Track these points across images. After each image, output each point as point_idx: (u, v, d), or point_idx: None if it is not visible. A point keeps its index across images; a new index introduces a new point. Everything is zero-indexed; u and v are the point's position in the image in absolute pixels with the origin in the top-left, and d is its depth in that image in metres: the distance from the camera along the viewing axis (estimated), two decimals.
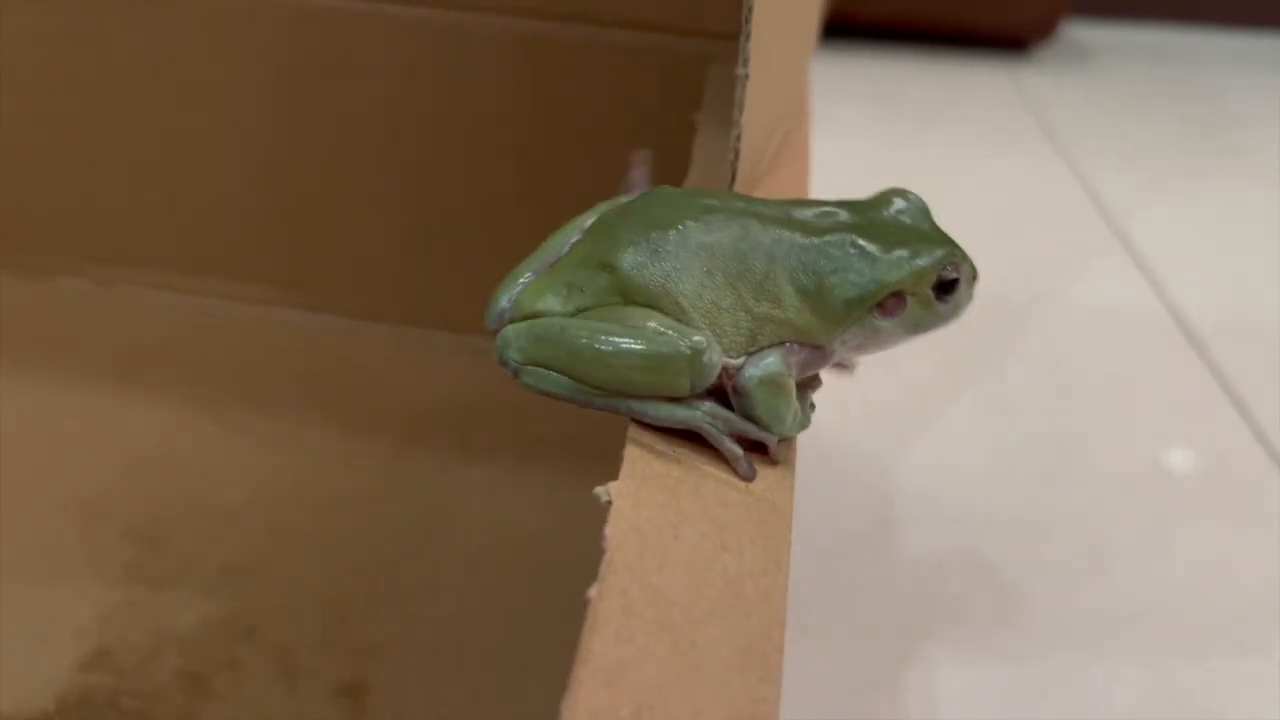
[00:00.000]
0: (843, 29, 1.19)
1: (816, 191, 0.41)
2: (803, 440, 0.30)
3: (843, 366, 0.32)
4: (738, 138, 0.34)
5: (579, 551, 0.49)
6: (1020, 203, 0.91)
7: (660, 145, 0.53)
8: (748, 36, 0.32)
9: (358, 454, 0.53)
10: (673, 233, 0.29)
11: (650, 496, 0.24)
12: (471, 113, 0.55)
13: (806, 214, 0.30)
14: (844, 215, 0.30)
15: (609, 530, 0.23)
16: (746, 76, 0.33)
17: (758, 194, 0.38)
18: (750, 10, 0.31)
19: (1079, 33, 1.38)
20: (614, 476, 0.57)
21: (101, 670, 0.39)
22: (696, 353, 0.27)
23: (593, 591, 0.21)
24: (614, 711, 0.18)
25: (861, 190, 0.36)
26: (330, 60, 0.55)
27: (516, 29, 0.52)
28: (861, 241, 0.29)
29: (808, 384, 0.30)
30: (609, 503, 0.24)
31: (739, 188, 0.35)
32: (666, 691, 0.19)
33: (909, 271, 0.29)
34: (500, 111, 0.55)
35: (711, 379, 0.28)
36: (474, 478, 0.52)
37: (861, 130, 1.03)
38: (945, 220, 0.33)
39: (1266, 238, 0.87)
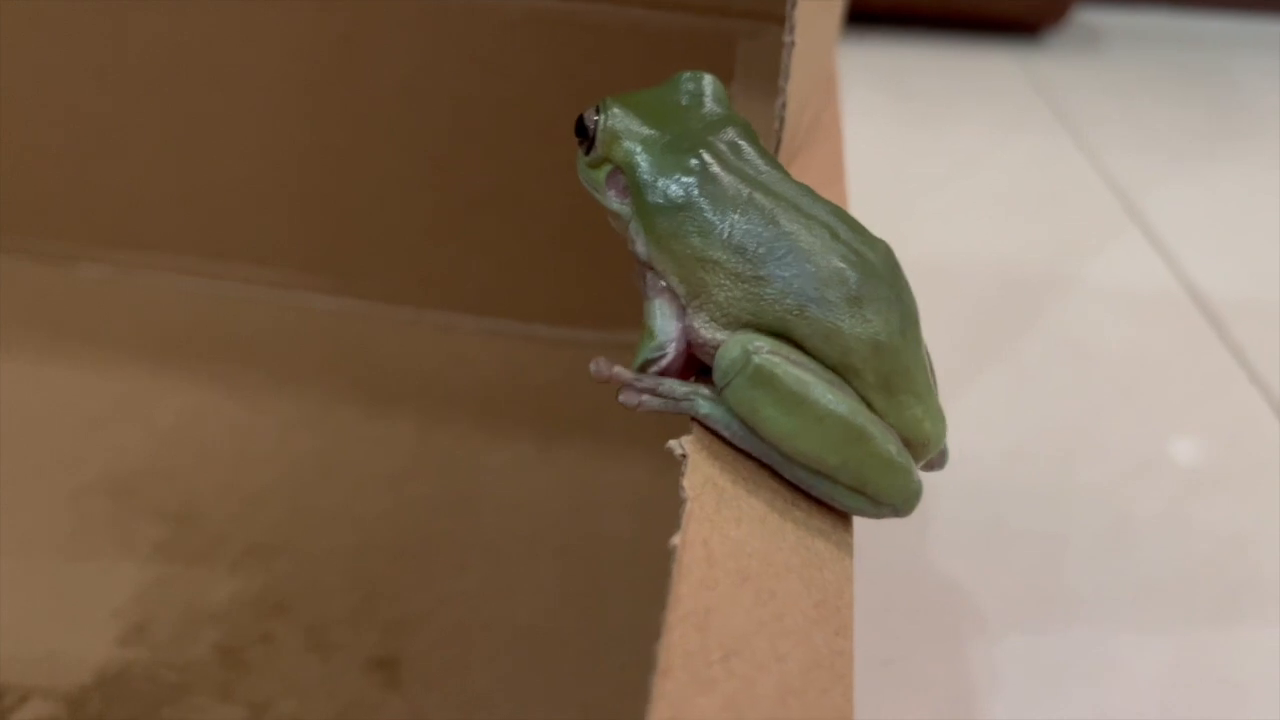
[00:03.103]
0: (854, 15, 1.18)
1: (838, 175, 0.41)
2: None
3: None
4: (783, 105, 0.34)
5: (603, 530, 0.49)
6: (1034, 186, 0.91)
7: None
8: (794, 4, 0.32)
9: (382, 435, 0.53)
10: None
11: (722, 450, 0.25)
12: (494, 95, 0.55)
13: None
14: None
15: (686, 482, 0.23)
16: (793, 44, 0.33)
17: (795, 168, 0.38)
18: None
19: (1089, 17, 1.38)
20: (637, 456, 0.57)
21: (138, 645, 0.39)
22: None
23: (676, 539, 0.21)
24: (705, 655, 0.19)
25: (880, 180, 0.37)
26: (351, 43, 0.55)
27: (539, 10, 0.52)
28: None
29: None
30: (684, 456, 0.24)
31: (781, 157, 0.35)
32: (752, 638, 0.19)
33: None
34: (524, 93, 0.55)
35: None
36: (498, 457, 0.53)
37: (875, 116, 1.03)
38: (961, 201, 0.33)
39: None
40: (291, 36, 0.55)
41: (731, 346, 0.24)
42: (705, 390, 0.25)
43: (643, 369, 0.25)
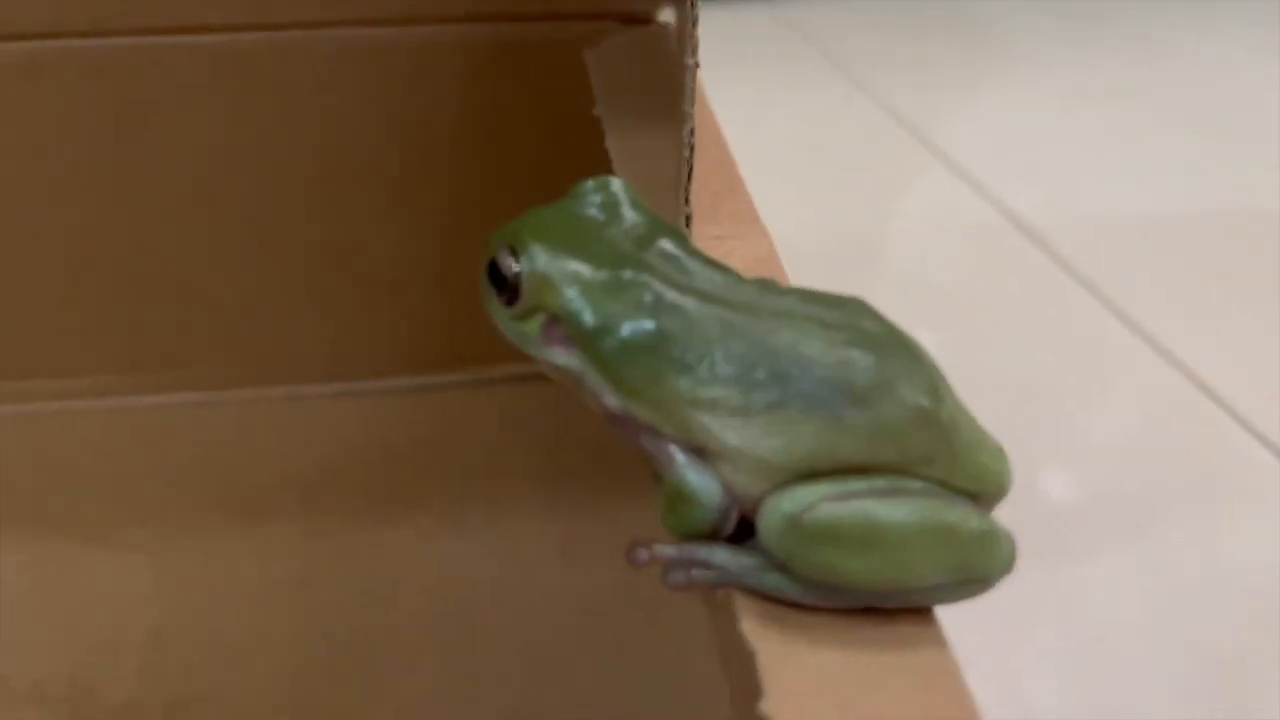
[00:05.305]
0: None
1: None
2: None
3: None
4: (691, 132, 0.32)
5: (543, 587, 0.46)
6: (829, 134, 0.93)
7: (547, 145, 0.50)
8: (695, 23, 0.30)
9: (267, 539, 0.48)
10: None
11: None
12: (311, 141, 0.50)
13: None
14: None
15: (745, 627, 0.21)
16: (697, 66, 0.31)
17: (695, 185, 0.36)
18: None
19: None
20: (547, 496, 0.54)
21: None
22: None
23: (762, 706, 0.19)
24: None
25: None
26: (136, 110, 0.48)
27: (350, 40, 0.48)
28: None
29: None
30: (724, 593, 0.22)
31: (694, 186, 0.33)
32: None
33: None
34: (345, 135, 0.50)
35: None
36: (402, 533, 0.49)
37: None
38: (766, 161, 0.32)
39: (1066, 130, 0.92)
40: (60, 114, 0.47)
41: (770, 517, 0.21)
42: (757, 557, 0.22)
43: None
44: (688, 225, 0.33)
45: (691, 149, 0.32)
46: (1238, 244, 0.74)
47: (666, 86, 0.41)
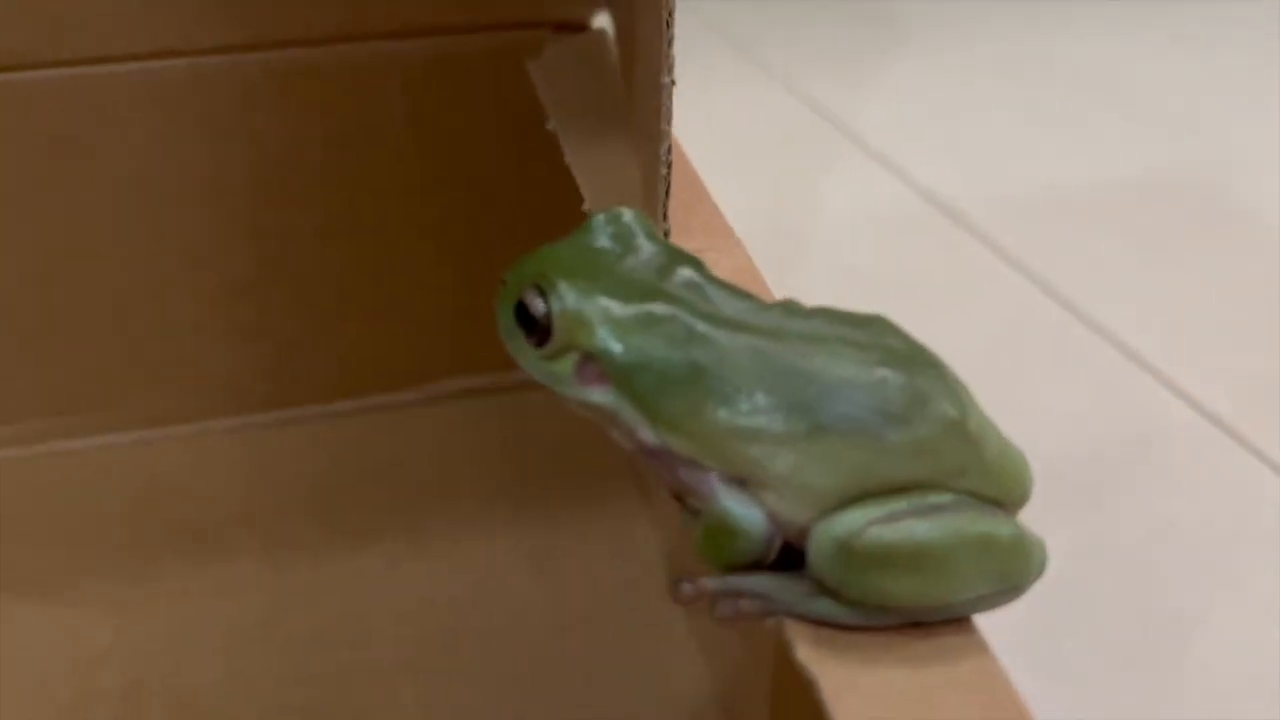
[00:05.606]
0: None
1: None
2: None
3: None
4: (668, 150, 0.32)
5: (520, 606, 0.46)
6: (750, 129, 0.93)
7: (487, 157, 0.49)
8: (671, 41, 0.30)
9: (228, 580, 0.46)
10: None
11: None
12: (244, 168, 0.48)
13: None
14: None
15: (801, 655, 0.21)
16: (673, 84, 0.31)
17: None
18: (672, 12, 0.29)
19: None
20: (507, 515, 0.53)
21: None
22: None
23: None
24: None
25: None
26: (63, 144, 0.46)
27: (277, 62, 0.46)
28: None
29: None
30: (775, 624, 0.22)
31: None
32: None
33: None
34: (277, 160, 0.49)
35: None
36: (368, 561, 0.48)
37: None
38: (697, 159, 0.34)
39: (980, 108, 0.94)
40: None
41: (820, 543, 0.21)
42: (803, 583, 0.22)
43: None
44: None
45: (669, 166, 0.32)
46: (1156, 212, 0.77)
47: (614, 96, 0.41)
